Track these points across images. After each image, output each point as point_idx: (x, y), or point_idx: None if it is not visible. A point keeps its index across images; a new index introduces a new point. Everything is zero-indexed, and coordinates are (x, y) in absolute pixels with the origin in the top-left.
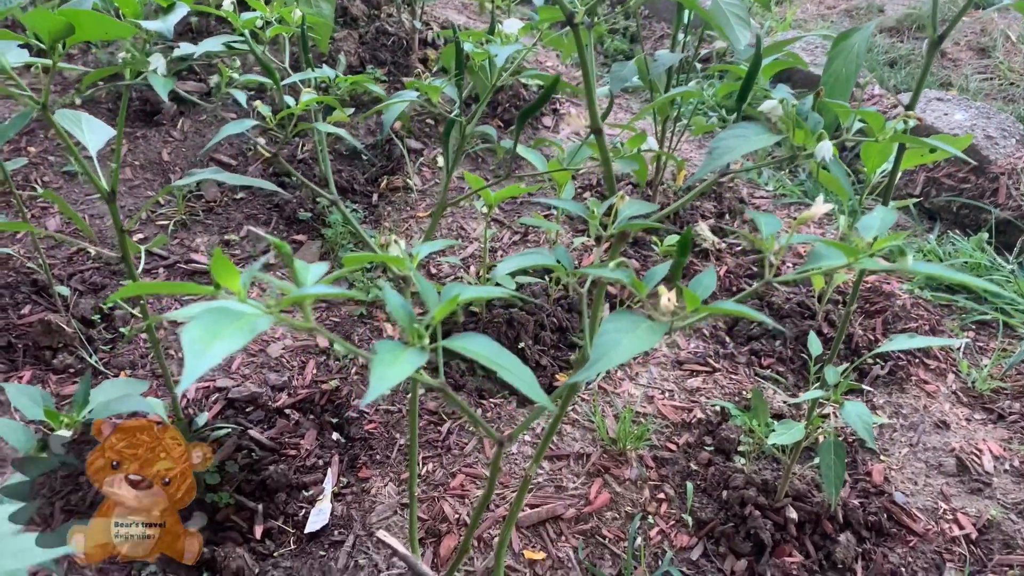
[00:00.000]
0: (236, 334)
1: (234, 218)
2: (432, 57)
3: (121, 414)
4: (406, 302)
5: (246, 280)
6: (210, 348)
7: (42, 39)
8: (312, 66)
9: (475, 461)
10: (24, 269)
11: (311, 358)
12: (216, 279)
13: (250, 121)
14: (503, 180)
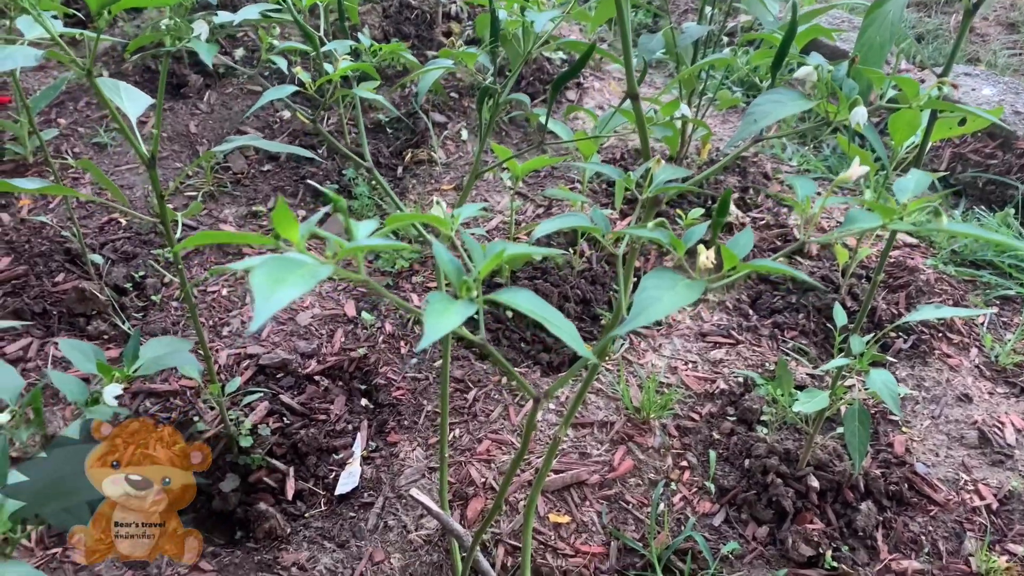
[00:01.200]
0: (299, 281)
1: (261, 190)
2: (456, 30)
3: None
4: (454, 257)
5: (305, 232)
6: (276, 293)
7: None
8: (348, 35)
9: (501, 428)
10: (57, 238)
11: (339, 327)
12: (277, 230)
13: (291, 87)
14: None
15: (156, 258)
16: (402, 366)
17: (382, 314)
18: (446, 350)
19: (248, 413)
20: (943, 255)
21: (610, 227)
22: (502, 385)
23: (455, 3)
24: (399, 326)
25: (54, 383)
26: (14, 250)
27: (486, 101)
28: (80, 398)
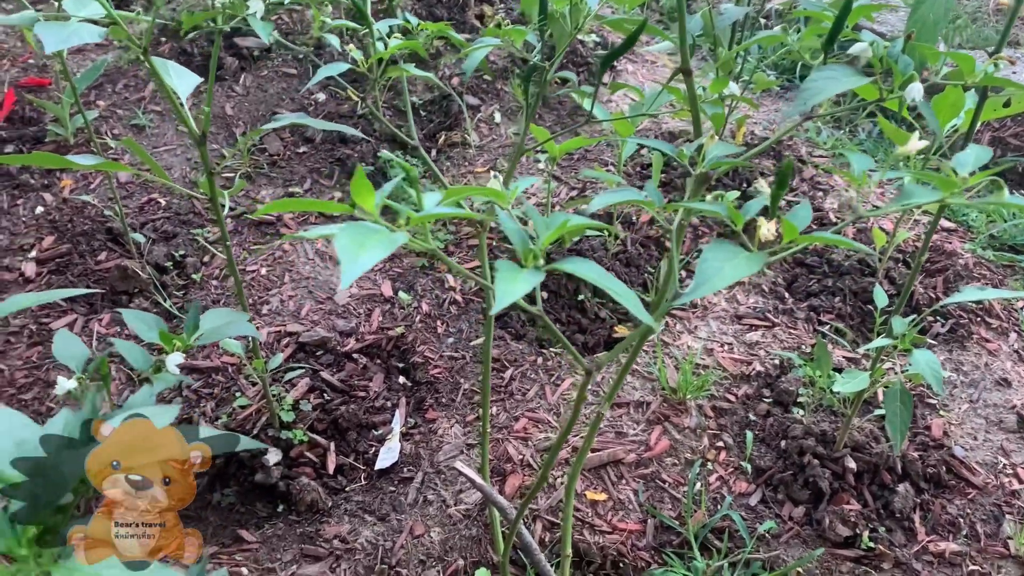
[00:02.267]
0: (378, 246)
1: (297, 171)
2: (488, 13)
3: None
4: (521, 227)
5: (379, 201)
6: (360, 256)
7: None
8: (395, 13)
9: (537, 406)
10: (99, 218)
11: (376, 306)
12: (353, 198)
13: (344, 64)
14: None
15: (195, 237)
16: (439, 345)
17: (418, 294)
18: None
19: (289, 389)
20: (981, 239)
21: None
22: (538, 365)
23: None
24: (435, 306)
25: (119, 351)
26: (57, 229)
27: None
28: (144, 366)
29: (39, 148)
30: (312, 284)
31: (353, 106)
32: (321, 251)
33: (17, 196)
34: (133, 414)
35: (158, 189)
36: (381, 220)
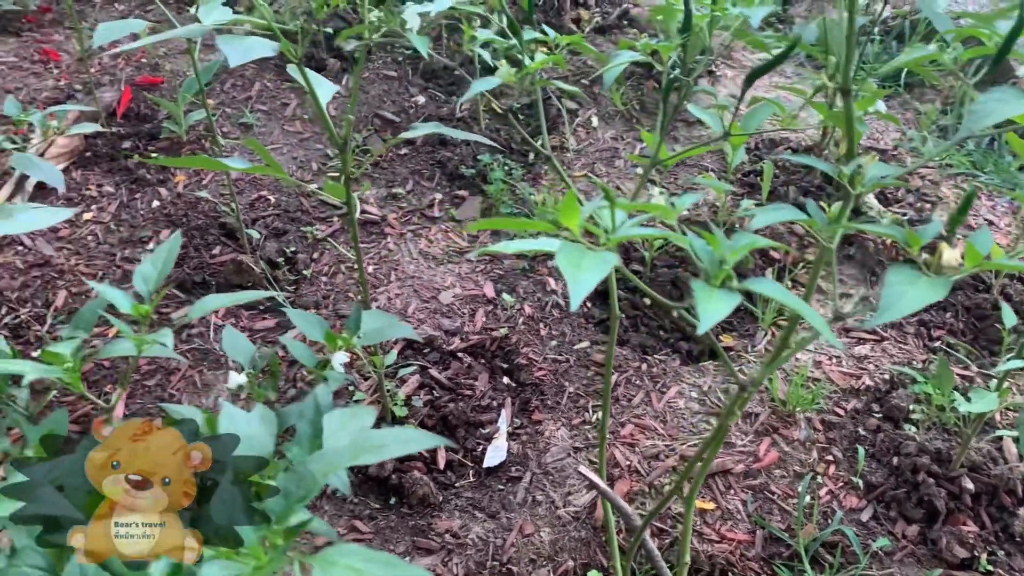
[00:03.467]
0: (594, 267)
1: (399, 173)
2: (585, 17)
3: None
4: (709, 246)
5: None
6: (580, 276)
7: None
8: (533, 26)
9: (643, 413)
10: (212, 213)
11: (479, 307)
12: (559, 218)
13: (496, 80)
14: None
15: (305, 234)
16: (542, 347)
17: (520, 296)
18: (613, 326)
19: (400, 385)
20: None
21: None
22: (642, 371)
23: None
24: (537, 308)
25: (289, 350)
26: (173, 223)
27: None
28: (312, 363)
29: (154, 144)
30: (417, 283)
31: (451, 110)
32: (424, 251)
33: (135, 190)
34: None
35: (268, 186)
36: (583, 240)
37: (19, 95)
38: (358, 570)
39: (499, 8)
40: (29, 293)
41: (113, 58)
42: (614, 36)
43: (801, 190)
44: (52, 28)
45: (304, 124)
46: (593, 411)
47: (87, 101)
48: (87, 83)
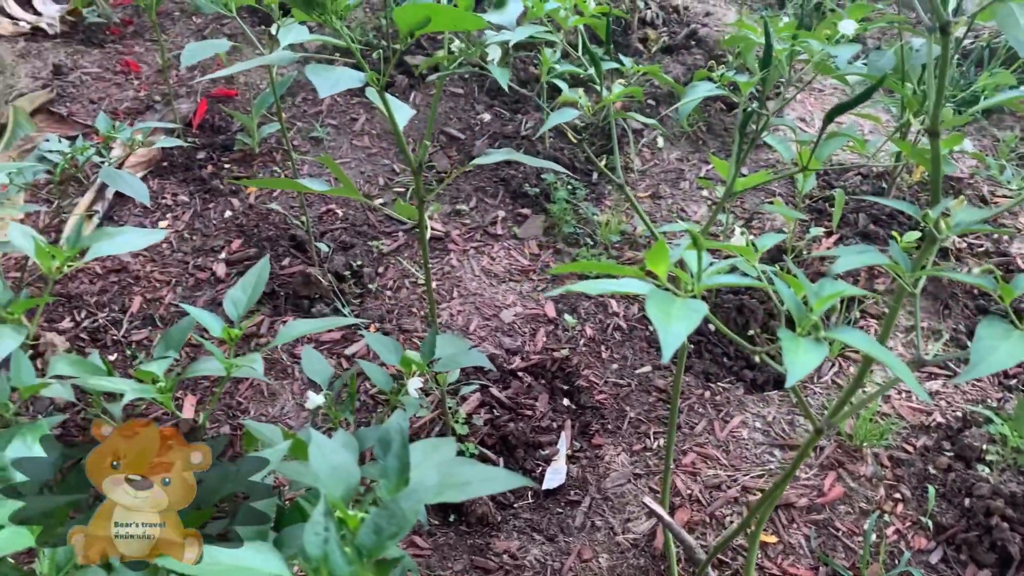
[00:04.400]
0: (684, 317)
1: (463, 189)
2: (652, 37)
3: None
4: (794, 294)
5: (668, 267)
6: (671, 326)
7: (399, 28)
8: (611, 56)
9: (705, 441)
10: (283, 224)
11: (541, 326)
12: (648, 264)
13: (574, 111)
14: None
15: (371, 248)
16: (603, 370)
17: (582, 317)
18: (682, 357)
19: (461, 403)
20: None
21: (909, 264)
22: (705, 399)
23: (650, 9)
24: (599, 330)
25: (366, 372)
26: (244, 233)
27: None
28: (387, 386)
29: (228, 156)
30: (479, 301)
31: (516, 128)
32: (487, 268)
33: (208, 200)
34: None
35: (336, 200)
36: (670, 286)
37: (102, 104)
38: None
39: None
40: (107, 298)
41: (190, 70)
42: (681, 56)
43: (871, 218)
44: (133, 40)
45: (372, 139)
46: (655, 438)
47: (165, 112)
48: (165, 94)
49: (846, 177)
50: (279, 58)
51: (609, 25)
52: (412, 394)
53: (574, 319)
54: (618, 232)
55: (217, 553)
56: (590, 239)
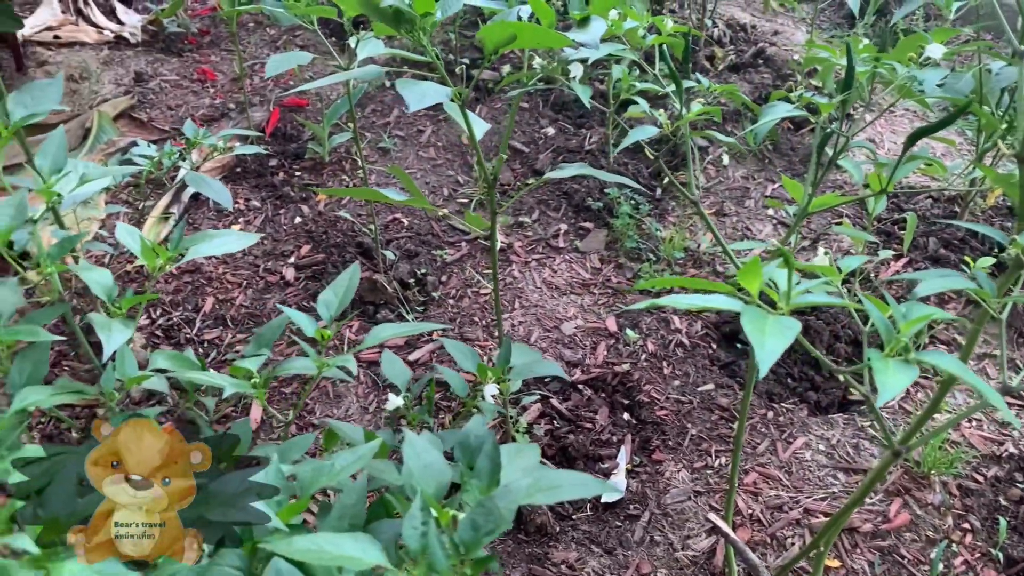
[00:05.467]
0: (779, 334)
1: (526, 202)
2: (719, 55)
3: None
4: (884, 316)
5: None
6: (766, 343)
7: (486, 46)
8: (688, 74)
9: (767, 462)
10: (351, 231)
11: (601, 340)
12: (740, 281)
13: (654, 128)
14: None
15: (435, 257)
16: (665, 386)
17: (644, 333)
18: (750, 377)
19: (522, 412)
20: None
21: (995, 291)
22: (768, 419)
23: (717, 27)
24: (661, 346)
25: (444, 377)
26: (313, 239)
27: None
28: (463, 392)
29: (298, 164)
30: (540, 312)
31: (580, 142)
32: (548, 281)
33: (279, 206)
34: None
35: (401, 209)
36: (763, 304)
37: (179, 111)
38: None
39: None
40: (181, 297)
41: (263, 80)
42: (748, 75)
43: (942, 242)
44: (210, 50)
45: (437, 151)
46: (716, 456)
47: (240, 120)
48: (240, 103)
49: (915, 200)
50: (368, 72)
51: (688, 45)
52: (488, 400)
53: (636, 334)
54: (681, 249)
55: (321, 541)
56: (652, 255)
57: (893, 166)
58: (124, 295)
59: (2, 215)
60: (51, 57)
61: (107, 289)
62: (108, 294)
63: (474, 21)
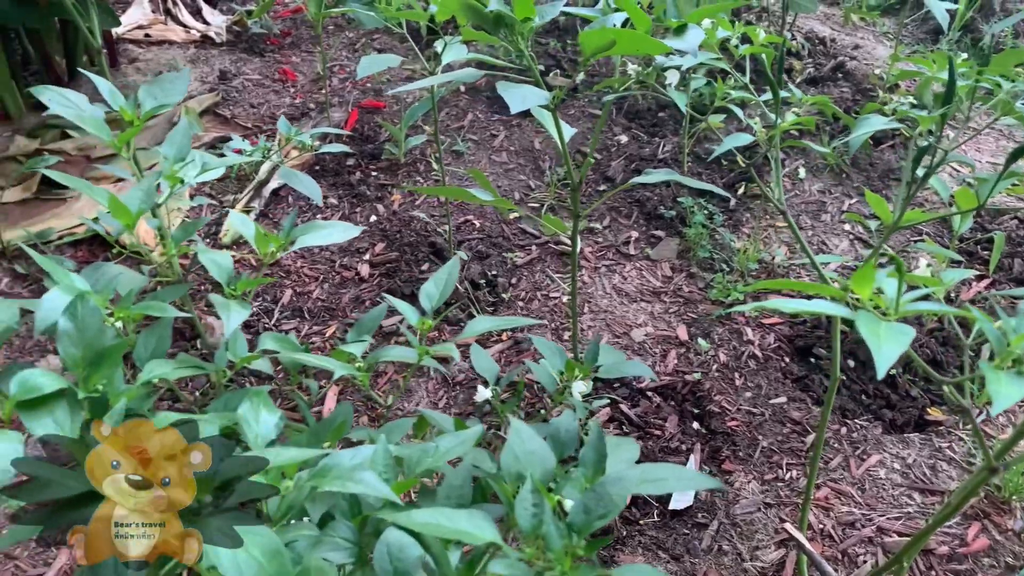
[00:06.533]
0: (894, 339)
1: (597, 208)
2: (797, 67)
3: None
4: (995, 328)
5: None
6: (883, 347)
7: (584, 50)
8: (782, 85)
9: (840, 477)
10: (424, 231)
11: (672, 348)
12: (852, 287)
13: (748, 136)
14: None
15: (506, 259)
16: (736, 397)
17: (715, 343)
18: (831, 390)
19: (591, 416)
20: None
21: None
22: (841, 435)
23: (795, 39)
24: (733, 357)
25: (534, 372)
26: (387, 238)
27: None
28: (551, 387)
29: (375, 164)
30: (609, 318)
31: (653, 151)
32: (618, 287)
33: (356, 204)
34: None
35: (473, 212)
36: (872, 310)
37: (261, 109)
38: None
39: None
40: (260, 289)
41: (342, 81)
42: (827, 88)
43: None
44: (291, 51)
45: (510, 155)
46: (787, 469)
47: (319, 120)
48: (320, 103)
49: (1000, 220)
50: (466, 75)
51: (783, 56)
52: (576, 397)
53: (707, 344)
54: (756, 260)
55: (438, 515)
56: (725, 265)
57: (988, 183)
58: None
59: (133, 198)
60: (141, 54)
61: (226, 272)
62: (226, 277)
63: (549, 29)
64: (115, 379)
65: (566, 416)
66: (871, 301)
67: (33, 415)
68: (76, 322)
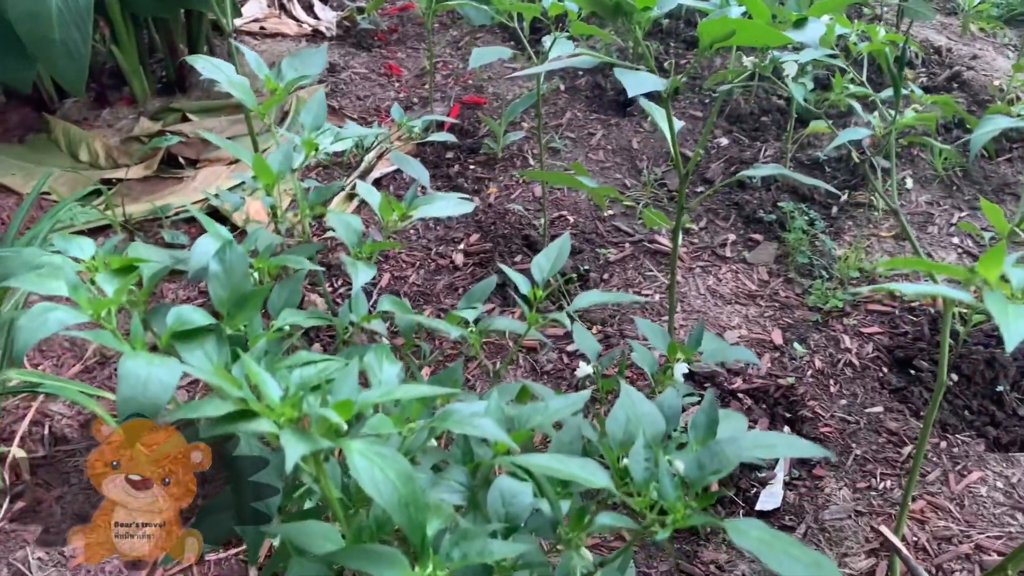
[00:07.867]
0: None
1: (694, 209)
2: (909, 76)
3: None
4: None
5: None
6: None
7: (701, 40)
8: (901, 84)
9: (938, 492)
10: (517, 224)
11: (765, 352)
12: (979, 269)
13: (865, 131)
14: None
15: (599, 255)
16: (830, 404)
17: (811, 348)
18: (936, 398)
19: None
20: None
21: None
22: (940, 449)
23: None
24: (828, 364)
25: (634, 355)
26: (482, 229)
27: None
28: (652, 369)
29: (473, 158)
30: (703, 319)
31: (755, 153)
32: (712, 288)
33: None
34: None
35: (568, 207)
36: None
37: (366, 101)
38: (768, 542)
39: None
40: None
41: (445, 78)
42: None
43: None
44: (396, 47)
45: (606, 154)
46: (881, 478)
47: (423, 113)
48: (423, 98)
49: None
50: (582, 62)
51: (905, 53)
52: (678, 378)
53: (803, 349)
54: (856, 268)
55: (553, 461)
56: (825, 271)
57: None
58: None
59: (274, 160)
60: (256, 46)
61: (356, 233)
62: (356, 238)
63: (651, 32)
64: (255, 322)
65: (669, 393)
66: (1003, 285)
67: (186, 346)
68: (224, 265)
